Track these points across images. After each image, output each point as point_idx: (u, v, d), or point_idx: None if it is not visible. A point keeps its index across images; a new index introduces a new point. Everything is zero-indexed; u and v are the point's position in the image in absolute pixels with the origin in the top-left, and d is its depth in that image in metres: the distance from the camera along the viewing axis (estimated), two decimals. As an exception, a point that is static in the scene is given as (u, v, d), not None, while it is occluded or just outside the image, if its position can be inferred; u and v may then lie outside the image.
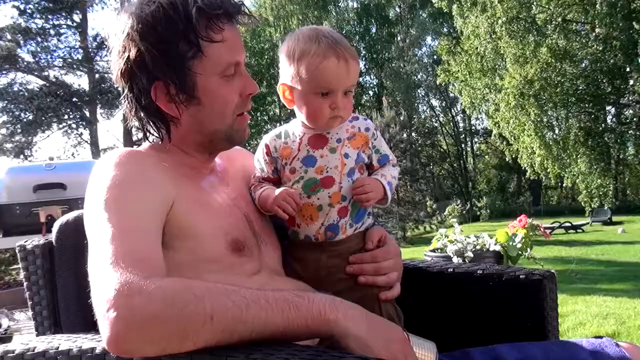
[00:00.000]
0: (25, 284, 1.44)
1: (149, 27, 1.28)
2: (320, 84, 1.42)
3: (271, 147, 1.53)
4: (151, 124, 1.40)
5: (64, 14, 30.43)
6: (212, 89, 1.35)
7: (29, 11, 29.39)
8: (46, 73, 30.40)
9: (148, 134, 1.43)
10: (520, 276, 1.57)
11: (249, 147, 1.67)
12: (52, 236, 1.40)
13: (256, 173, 1.57)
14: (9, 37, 28.19)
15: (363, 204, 1.46)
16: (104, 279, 1.00)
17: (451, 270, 1.70)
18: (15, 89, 29.16)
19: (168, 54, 1.29)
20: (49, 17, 30.06)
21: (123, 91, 1.37)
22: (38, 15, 29.79)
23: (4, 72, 28.43)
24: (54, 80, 30.37)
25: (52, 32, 30.38)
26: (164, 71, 1.30)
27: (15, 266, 9.85)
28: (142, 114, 1.38)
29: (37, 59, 29.76)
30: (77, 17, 31.17)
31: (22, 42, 28.85)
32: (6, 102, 28.62)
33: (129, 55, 1.30)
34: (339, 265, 1.46)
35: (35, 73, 29.66)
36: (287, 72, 1.46)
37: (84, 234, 1.21)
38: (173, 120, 1.38)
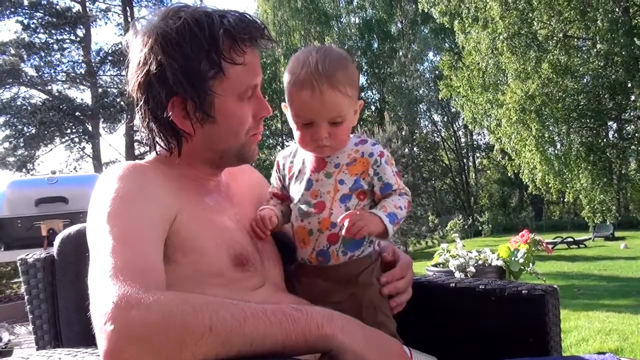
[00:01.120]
0: (26, 297, 1.43)
1: (174, 43, 1.28)
2: (299, 115, 1.42)
3: (280, 164, 1.57)
4: (162, 137, 1.39)
5: (67, 28, 30.63)
6: (228, 109, 1.35)
7: (32, 26, 29.60)
8: (49, 87, 30.54)
9: (156, 145, 1.43)
10: (523, 291, 1.56)
11: (251, 163, 1.67)
12: (54, 250, 1.40)
13: (271, 187, 1.61)
14: (12, 51, 28.37)
15: (355, 237, 1.38)
16: (102, 292, 0.99)
17: (453, 285, 1.70)
18: (19, 103, 29.30)
19: (190, 72, 1.29)
20: (53, 31, 30.25)
21: (137, 102, 1.36)
22: (42, 30, 29.99)
23: (8, 86, 28.57)
24: (56, 94, 30.50)
25: (55, 46, 30.57)
26: (184, 88, 1.30)
27: (16, 280, 9.83)
28: (153, 126, 1.38)
29: (40, 73, 29.91)
30: (80, 32, 31.36)
31: (25, 56, 29.03)
32: (9, 116, 28.75)
33: (149, 68, 1.30)
34: (333, 289, 1.44)
35: (39, 87, 29.80)
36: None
37: (86, 247, 1.21)
38: (185, 136, 1.38)
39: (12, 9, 28.49)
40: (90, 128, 31.25)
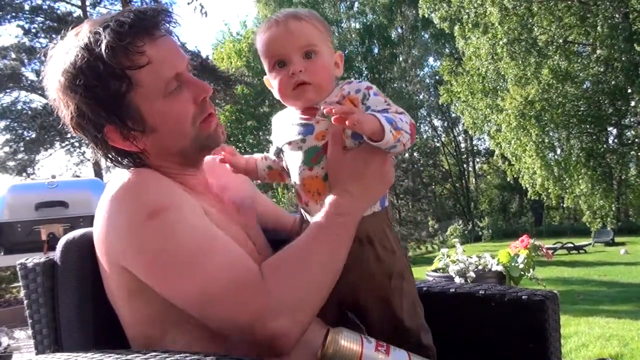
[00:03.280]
0: (25, 302, 1.43)
1: (74, 78, 1.24)
2: (270, 55, 1.37)
3: (274, 128, 1.48)
4: (121, 161, 1.37)
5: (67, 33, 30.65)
6: (160, 112, 1.30)
7: (33, 30, 29.61)
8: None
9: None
10: (523, 297, 1.56)
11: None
12: (56, 254, 1.39)
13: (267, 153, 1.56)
14: (13, 55, 28.36)
15: (346, 125, 1.23)
16: (237, 301, 1.16)
17: (453, 290, 1.69)
18: (19, 107, 29.27)
19: (101, 98, 1.25)
20: (54, 36, 30.24)
21: (84, 140, 1.35)
22: (42, 35, 29.98)
23: (8, 90, 28.56)
24: (57, 98, 30.49)
25: (50, 46, 30.54)
26: (104, 117, 1.27)
27: (16, 284, 9.82)
28: (110, 156, 1.36)
29: (40, 78, 29.79)
30: (81, 37, 31.36)
31: (26, 61, 29.01)
32: (9, 120, 28.71)
33: (70, 112, 1.28)
34: (356, 250, 1.34)
35: (39, 92, 29.75)
36: None
37: (88, 251, 1.22)
38: (140, 154, 1.35)
39: (13, 14, 28.52)
40: (90, 132, 31.25)
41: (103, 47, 1.21)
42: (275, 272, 1.21)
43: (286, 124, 1.42)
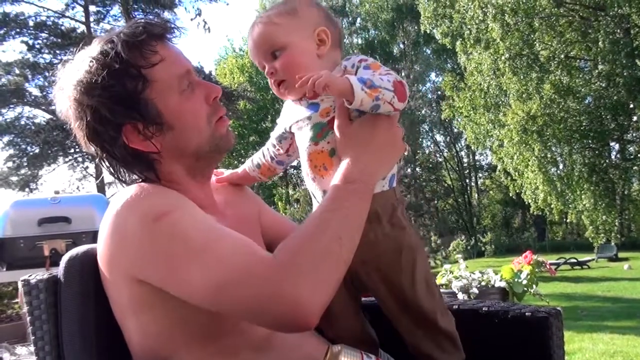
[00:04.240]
0: (28, 318, 1.43)
1: (91, 83, 1.27)
2: (257, 64, 1.45)
3: (284, 109, 1.50)
4: (136, 172, 1.39)
5: (72, 49, 30.69)
6: (176, 108, 1.33)
7: (37, 46, 29.75)
8: (53, 107, 30.51)
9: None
10: (526, 313, 1.56)
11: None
12: (59, 270, 1.39)
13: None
14: (17, 71, 28.49)
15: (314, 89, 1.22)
16: (250, 281, 1.12)
17: (456, 307, 1.68)
18: (22, 122, 29.35)
19: (120, 97, 1.28)
20: (57, 52, 30.41)
21: (97, 156, 1.37)
22: (46, 51, 30.13)
23: (12, 106, 28.66)
24: (60, 114, 30.54)
25: (59, 66, 30.65)
26: (124, 114, 1.29)
27: (17, 300, 9.79)
28: (123, 169, 1.38)
29: (44, 93, 30.03)
30: (84, 53, 31.47)
31: (30, 76, 29.13)
32: (13, 135, 28.79)
33: (86, 119, 1.30)
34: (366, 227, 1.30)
35: (43, 107, 29.89)
36: None
37: (91, 268, 1.21)
38: (155, 157, 1.37)
39: (17, 30, 28.67)
40: (93, 148, 31.27)
41: (119, 47, 1.27)
42: (286, 245, 1.19)
43: (294, 106, 1.44)
